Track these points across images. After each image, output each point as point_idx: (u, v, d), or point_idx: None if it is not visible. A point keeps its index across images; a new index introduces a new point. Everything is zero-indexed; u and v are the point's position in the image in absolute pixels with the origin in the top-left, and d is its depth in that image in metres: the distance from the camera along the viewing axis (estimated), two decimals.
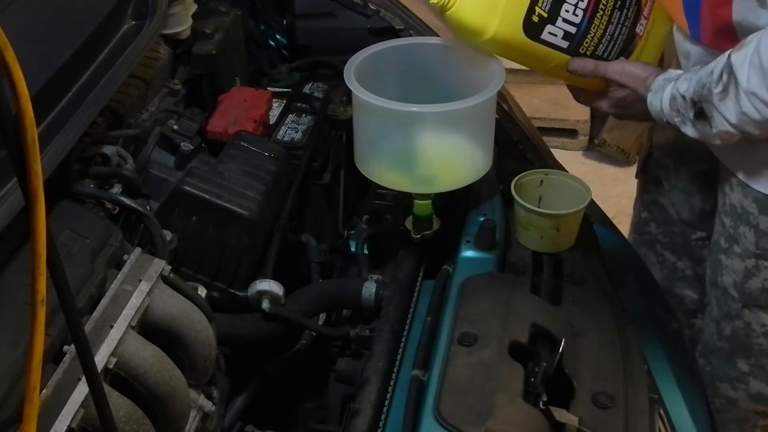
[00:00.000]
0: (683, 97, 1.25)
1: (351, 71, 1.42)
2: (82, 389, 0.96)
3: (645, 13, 1.40)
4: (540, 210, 1.40)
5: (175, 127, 1.53)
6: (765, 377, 1.52)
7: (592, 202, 1.47)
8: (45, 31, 1.28)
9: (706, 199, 1.62)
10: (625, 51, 1.41)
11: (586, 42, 1.37)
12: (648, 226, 1.76)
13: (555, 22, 1.34)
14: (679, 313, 1.74)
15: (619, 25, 1.38)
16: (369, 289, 1.44)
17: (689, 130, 1.28)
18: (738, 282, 1.46)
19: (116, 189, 1.30)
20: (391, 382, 1.27)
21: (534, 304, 1.28)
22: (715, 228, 1.53)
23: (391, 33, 1.85)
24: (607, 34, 1.37)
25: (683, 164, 1.61)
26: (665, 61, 1.55)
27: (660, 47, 1.47)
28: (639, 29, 1.40)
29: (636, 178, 1.80)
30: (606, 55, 1.39)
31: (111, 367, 1.02)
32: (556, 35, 1.35)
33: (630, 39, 1.40)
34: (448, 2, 1.31)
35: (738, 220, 1.43)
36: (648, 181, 1.74)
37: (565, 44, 1.36)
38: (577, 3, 1.33)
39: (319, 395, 1.52)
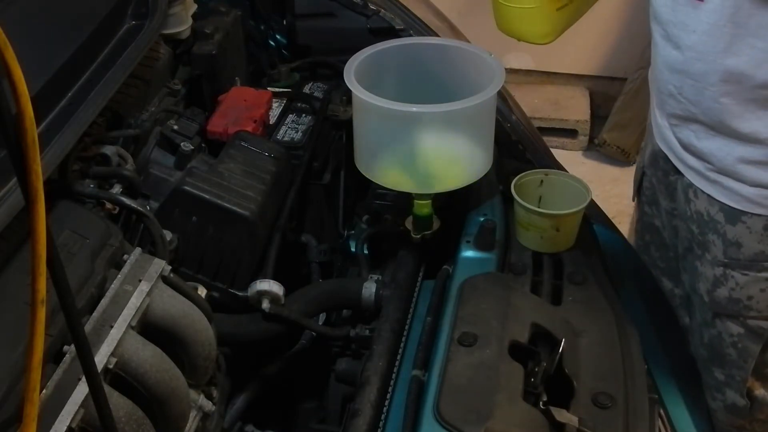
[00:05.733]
0: None
1: (351, 71, 1.42)
2: (82, 389, 0.96)
3: None
4: (540, 210, 1.40)
5: (175, 127, 1.52)
6: (738, 388, 1.52)
7: (592, 202, 1.47)
8: (45, 31, 1.28)
9: None
10: None
11: None
12: (649, 250, 1.73)
13: None
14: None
15: None
16: (369, 289, 1.44)
17: None
18: (709, 290, 1.47)
19: (116, 189, 1.30)
20: (391, 382, 1.27)
21: (534, 304, 1.28)
22: (681, 234, 1.53)
23: (391, 33, 1.85)
24: None
25: (661, 181, 1.59)
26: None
27: (586, 7, 1.54)
28: None
29: (633, 200, 1.78)
30: None
31: (111, 367, 1.02)
32: None
33: None
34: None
35: (706, 227, 1.43)
36: (644, 203, 1.71)
37: None
38: None
39: (319, 395, 1.52)
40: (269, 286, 1.37)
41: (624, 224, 3.03)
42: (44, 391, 0.96)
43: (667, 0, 1.34)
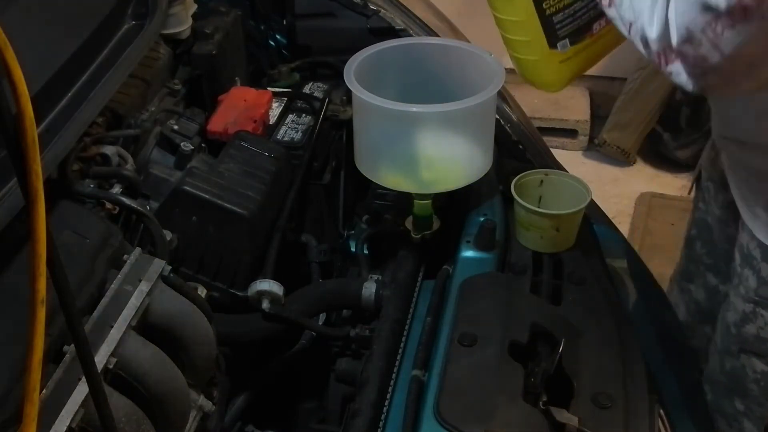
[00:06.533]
0: None
1: (351, 71, 1.42)
2: (82, 389, 0.96)
3: (604, 21, 1.41)
4: (540, 210, 1.40)
5: (175, 127, 1.53)
6: (756, 422, 1.51)
7: (592, 202, 1.47)
8: (45, 31, 1.28)
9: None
10: (574, 40, 1.41)
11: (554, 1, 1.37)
12: (695, 244, 1.71)
13: None
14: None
15: (584, 8, 1.39)
16: (369, 289, 1.44)
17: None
18: (737, 323, 1.45)
19: (116, 189, 1.30)
20: (391, 382, 1.27)
21: (534, 304, 1.28)
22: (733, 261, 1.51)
23: (391, 33, 1.85)
24: (571, 8, 1.38)
25: (719, 191, 1.57)
26: None
27: (595, 59, 1.48)
28: (595, 27, 1.42)
29: (689, 193, 1.76)
30: (559, 28, 1.39)
31: (111, 367, 1.02)
32: None
33: (584, 29, 1.41)
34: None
35: (744, 260, 1.42)
36: (699, 198, 1.68)
37: None
38: None
39: (319, 395, 1.52)
40: (269, 286, 1.37)
41: (624, 224, 3.04)
42: (44, 391, 0.96)
43: None
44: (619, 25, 1.19)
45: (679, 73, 1.10)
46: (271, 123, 1.71)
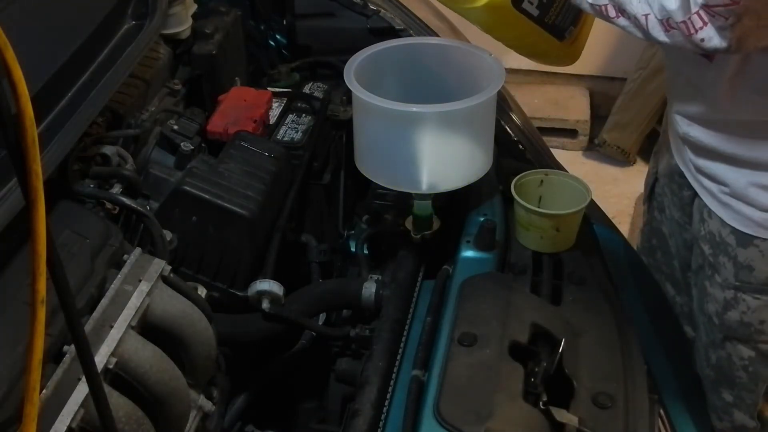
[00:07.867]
0: None
1: (351, 71, 1.42)
2: (82, 389, 0.97)
3: None
4: (540, 210, 1.40)
5: (175, 127, 1.53)
6: (747, 410, 1.51)
7: (592, 202, 1.47)
8: (45, 31, 1.28)
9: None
10: (575, 22, 1.50)
11: (552, 11, 1.44)
12: (655, 254, 1.72)
13: None
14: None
15: None
16: (369, 289, 1.44)
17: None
18: (719, 312, 1.46)
19: (116, 189, 1.30)
20: (391, 382, 1.27)
21: (534, 304, 1.28)
22: (694, 252, 1.51)
23: (391, 33, 1.85)
24: (565, 5, 1.45)
25: (675, 193, 1.58)
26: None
27: (593, 20, 1.55)
28: None
29: (644, 204, 1.78)
30: (561, 24, 1.48)
31: (111, 367, 1.02)
32: (532, 4, 1.41)
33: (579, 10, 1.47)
34: None
35: (717, 249, 1.42)
36: (654, 208, 1.70)
37: (535, 12, 1.42)
38: None
39: (319, 395, 1.52)
40: (269, 286, 1.37)
41: (624, 224, 3.04)
42: (44, 391, 0.96)
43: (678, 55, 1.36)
44: (632, 30, 1.22)
45: (710, 36, 1.12)
46: (271, 123, 1.71)
